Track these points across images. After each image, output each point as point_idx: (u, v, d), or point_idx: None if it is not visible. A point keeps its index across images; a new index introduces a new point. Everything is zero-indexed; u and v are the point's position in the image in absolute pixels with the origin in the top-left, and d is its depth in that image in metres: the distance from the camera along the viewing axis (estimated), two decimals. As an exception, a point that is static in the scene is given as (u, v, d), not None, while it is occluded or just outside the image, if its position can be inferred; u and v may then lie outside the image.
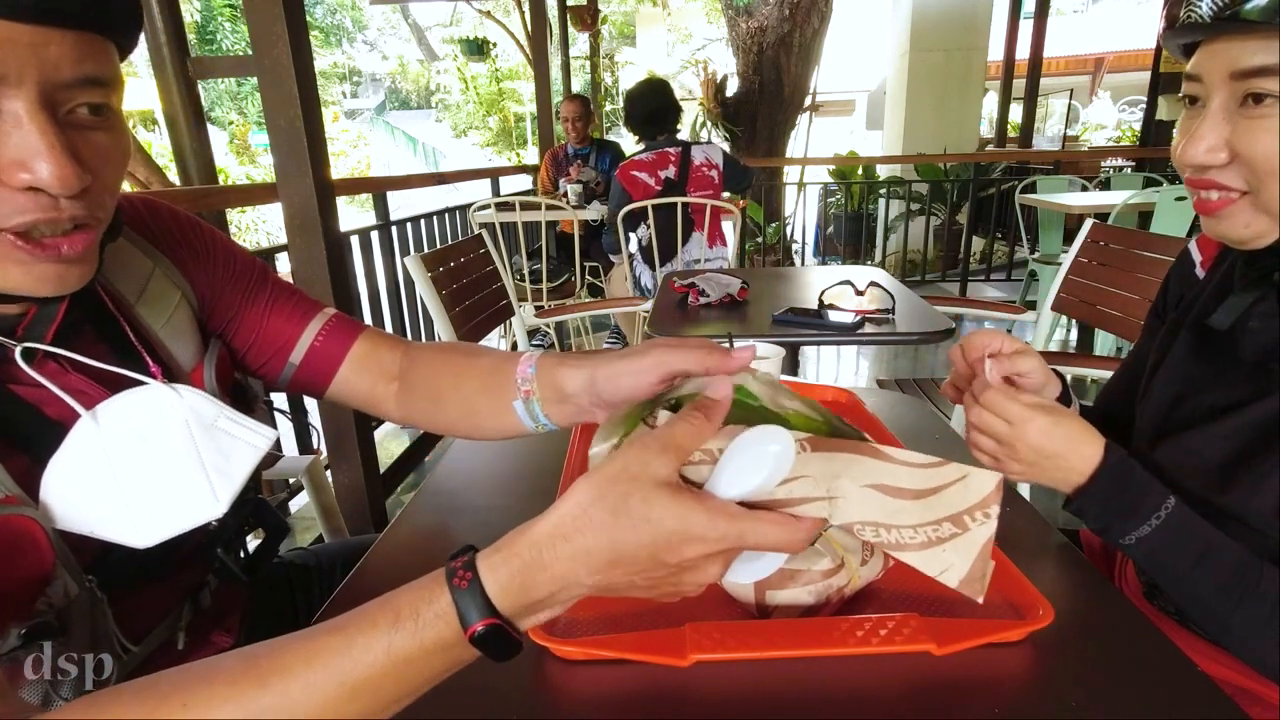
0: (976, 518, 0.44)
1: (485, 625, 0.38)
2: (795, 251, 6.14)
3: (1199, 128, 0.59)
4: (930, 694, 0.49)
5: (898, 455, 0.43)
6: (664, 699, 0.49)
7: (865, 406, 0.96)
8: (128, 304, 0.63)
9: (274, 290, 0.75)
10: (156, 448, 0.57)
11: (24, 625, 0.48)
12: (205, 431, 0.60)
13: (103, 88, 0.47)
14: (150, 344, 0.64)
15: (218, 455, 0.60)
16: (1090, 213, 2.31)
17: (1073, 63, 13.90)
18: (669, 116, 2.86)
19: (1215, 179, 0.59)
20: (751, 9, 6.33)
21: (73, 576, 0.52)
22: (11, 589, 0.49)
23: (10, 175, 0.43)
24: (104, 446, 0.55)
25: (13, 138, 0.43)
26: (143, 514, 0.55)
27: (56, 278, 0.49)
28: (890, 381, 2.01)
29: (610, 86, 13.24)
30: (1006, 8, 5.85)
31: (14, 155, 0.43)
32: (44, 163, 0.43)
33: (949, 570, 0.43)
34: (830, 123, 12.33)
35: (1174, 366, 0.73)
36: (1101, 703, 0.47)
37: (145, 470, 0.56)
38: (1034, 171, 5.35)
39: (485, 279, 2.02)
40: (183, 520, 0.57)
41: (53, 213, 0.45)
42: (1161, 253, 1.61)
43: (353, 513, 1.99)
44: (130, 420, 0.57)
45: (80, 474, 0.53)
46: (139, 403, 0.58)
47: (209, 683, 0.37)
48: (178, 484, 0.58)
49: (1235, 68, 0.56)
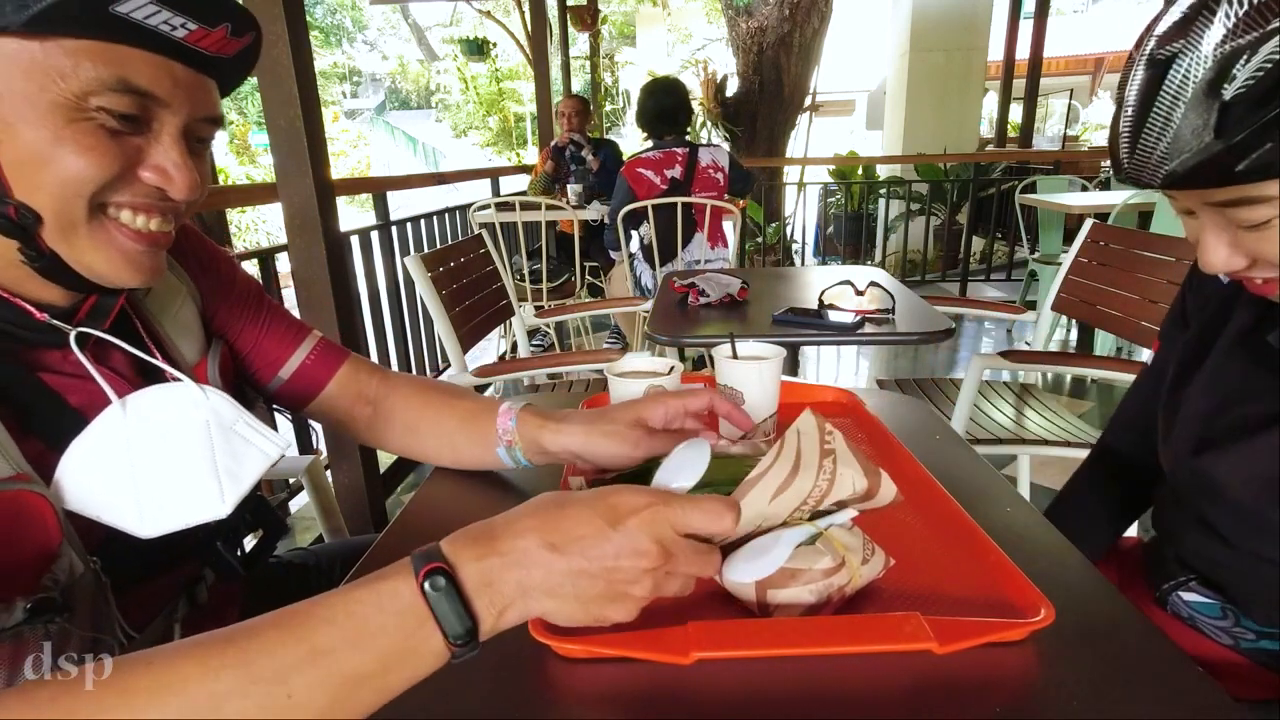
0: (828, 440, 0.56)
1: (433, 567, 0.41)
2: (795, 251, 6.14)
3: (1204, 242, 0.58)
4: (931, 693, 0.49)
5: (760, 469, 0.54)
6: (666, 697, 0.49)
7: (865, 406, 0.96)
8: (138, 299, 0.68)
9: (269, 311, 0.81)
10: (175, 444, 0.61)
11: (30, 600, 0.50)
12: (223, 434, 0.63)
13: (216, 125, 0.59)
14: (158, 339, 0.67)
15: (230, 458, 0.62)
16: (1090, 213, 2.31)
17: (1073, 63, 13.90)
18: (680, 116, 2.86)
19: (1251, 275, 0.58)
20: (751, 9, 6.33)
21: (79, 556, 0.54)
22: (18, 562, 0.51)
23: (146, 174, 0.54)
24: (127, 436, 0.58)
25: (157, 149, 0.54)
26: (151, 505, 0.58)
27: (148, 267, 0.57)
28: (890, 381, 2.01)
29: (610, 86, 13.25)
30: (1006, 8, 5.85)
31: (155, 162, 0.54)
32: (178, 173, 0.55)
33: (855, 480, 0.55)
34: (830, 123, 12.33)
35: (1211, 376, 0.71)
36: (1102, 702, 0.47)
37: (160, 464, 0.59)
38: (1034, 171, 5.35)
39: (485, 279, 2.02)
40: (187, 516, 0.59)
41: (160, 204, 0.56)
42: (1161, 253, 1.61)
43: (353, 513, 1.99)
44: (155, 414, 0.60)
45: (99, 460, 0.57)
46: (167, 398, 0.62)
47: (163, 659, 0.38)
48: (188, 481, 0.60)
49: (1206, 200, 0.55)
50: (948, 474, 0.73)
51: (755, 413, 0.85)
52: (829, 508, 0.58)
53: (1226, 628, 0.73)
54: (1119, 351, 3.35)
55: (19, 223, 0.51)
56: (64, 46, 0.48)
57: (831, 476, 0.56)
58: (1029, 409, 1.78)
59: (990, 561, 0.60)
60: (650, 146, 2.89)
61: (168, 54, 0.51)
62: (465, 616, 0.41)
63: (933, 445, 0.89)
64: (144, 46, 0.50)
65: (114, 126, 0.51)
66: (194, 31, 0.51)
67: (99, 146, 0.50)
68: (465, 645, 0.41)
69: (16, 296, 0.56)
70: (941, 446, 0.90)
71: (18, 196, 0.50)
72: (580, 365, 2.03)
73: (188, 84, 0.54)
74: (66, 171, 0.50)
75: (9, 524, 0.51)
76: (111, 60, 0.49)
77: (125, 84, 0.50)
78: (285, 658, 0.38)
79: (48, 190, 0.50)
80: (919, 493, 0.74)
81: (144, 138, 0.53)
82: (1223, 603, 0.72)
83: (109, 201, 0.53)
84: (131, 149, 0.53)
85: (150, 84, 0.51)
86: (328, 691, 0.38)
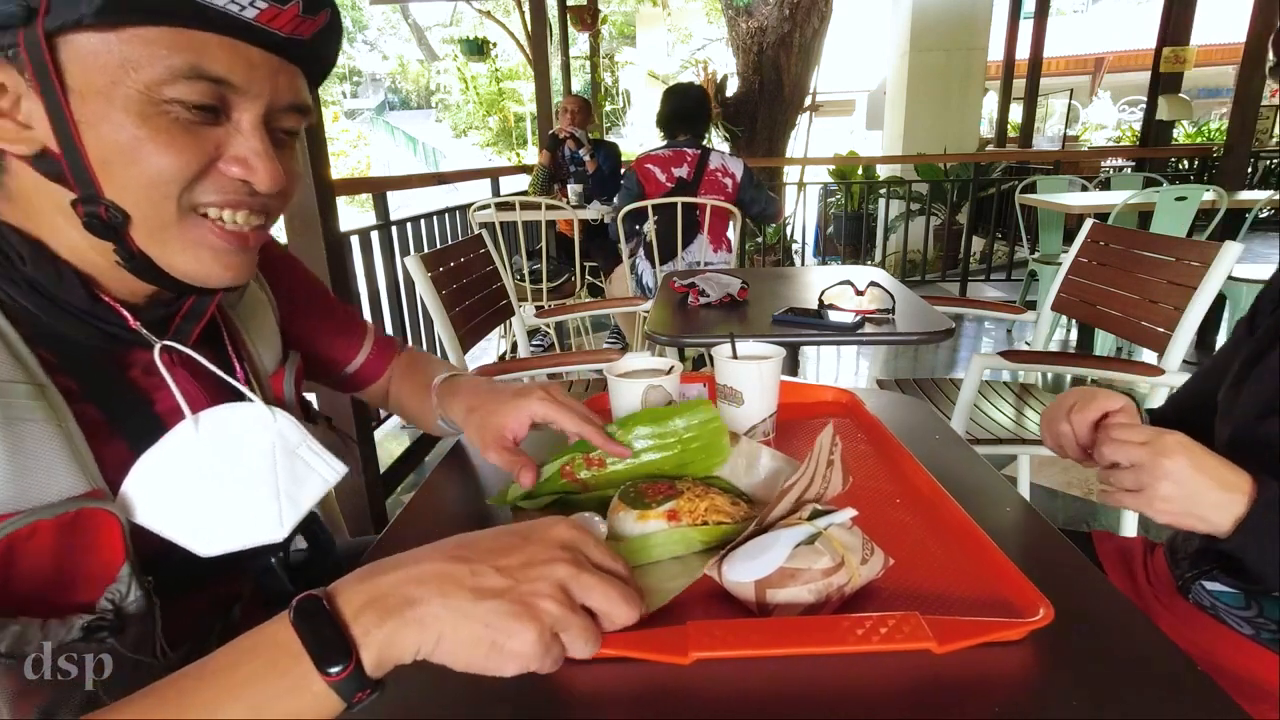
0: (834, 454, 0.66)
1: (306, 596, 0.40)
2: (795, 251, 6.14)
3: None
4: (930, 692, 0.49)
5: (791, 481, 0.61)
6: (665, 696, 0.49)
7: (865, 406, 0.96)
8: (229, 305, 0.69)
9: (334, 310, 0.88)
10: (241, 463, 0.60)
11: (87, 619, 0.50)
12: (287, 457, 0.62)
13: (302, 115, 0.57)
14: (241, 347, 0.68)
15: (292, 482, 0.62)
16: (1090, 213, 2.31)
17: (1073, 63, 13.90)
18: (695, 121, 2.89)
19: None
20: (751, 9, 6.32)
21: (136, 576, 0.54)
22: (84, 579, 0.51)
23: (228, 166, 0.52)
24: (196, 452, 0.58)
25: (237, 139, 0.52)
26: (212, 524, 0.57)
27: (239, 266, 0.57)
28: (890, 381, 2.01)
29: (610, 86, 13.24)
30: (1006, 8, 5.86)
31: (235, 153, 0.52)
32: (261, 162, 0.53)
33: (838, 483, 0.65)
34: (830, 123, 12.32)
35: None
36: (1101, 701, 0.47)
37: (226, 482, 0.59)
38: (1034, 171, 5.35)
39: (485, 279, 2.02)
40: (246, 537, 0.59)
41: (249, 199, 0.54)
42: (1161, 253, 1.61)
43: (353, 513, 1.99)
44: (225, 432, 0.60)
45: (168, 473, 0.56)
46: (237, 417, 0.61)
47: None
48: (250, 502, 0.60)
49: None
50: (948, 474, 0.73)
51: (754, 413, 0.85)
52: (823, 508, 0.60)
53: (1250, 617, 0.73)
54: (1119, 351, 3.35)
55: (109, 223, 0.51)
56: (133, 36, 0.47)
57: (826, 481, 0.63)
58: (1029, 409, 1.78)
59: (989, 561, 0.61)
60: (663, 145, 2.90)
61: (240, 37, 0.49)
62: (338, 640, 0.38)
63: (933, 445, 0.89)
64: (214, 30, 0.48)
65: (190, 118, 0.49)
66: (264, 11, 0.49)
67: (176, 141, 0.49)
68: (348, 680, 0.38)
69: (115, 298, 0.56)
70: (941, 446, 0.90)
71: (108, 196, 0.50)
72: (580, 365, 2.03)
73: (265, 69, 0.51)
74: (148, 169, 0.49)
75: (80, 541, 0.51)
76: (182, 47, 0.47)
77: (198, 71, 0.48)
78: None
79: (133, 189, 0.50)
80: (919, 492, 0.74)
81: (223, 129, 0.52)
82: (1246, 592, 0.73)
83: (199, 202, 0.52)
84: (211, 142, 0.51)
85: (224, 70, 0.49)
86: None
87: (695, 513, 0.63)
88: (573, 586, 0.44)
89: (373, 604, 0.40)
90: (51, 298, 0.53)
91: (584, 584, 0.44)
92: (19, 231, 0.53)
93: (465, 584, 0.41)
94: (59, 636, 0.48)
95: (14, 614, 0.47)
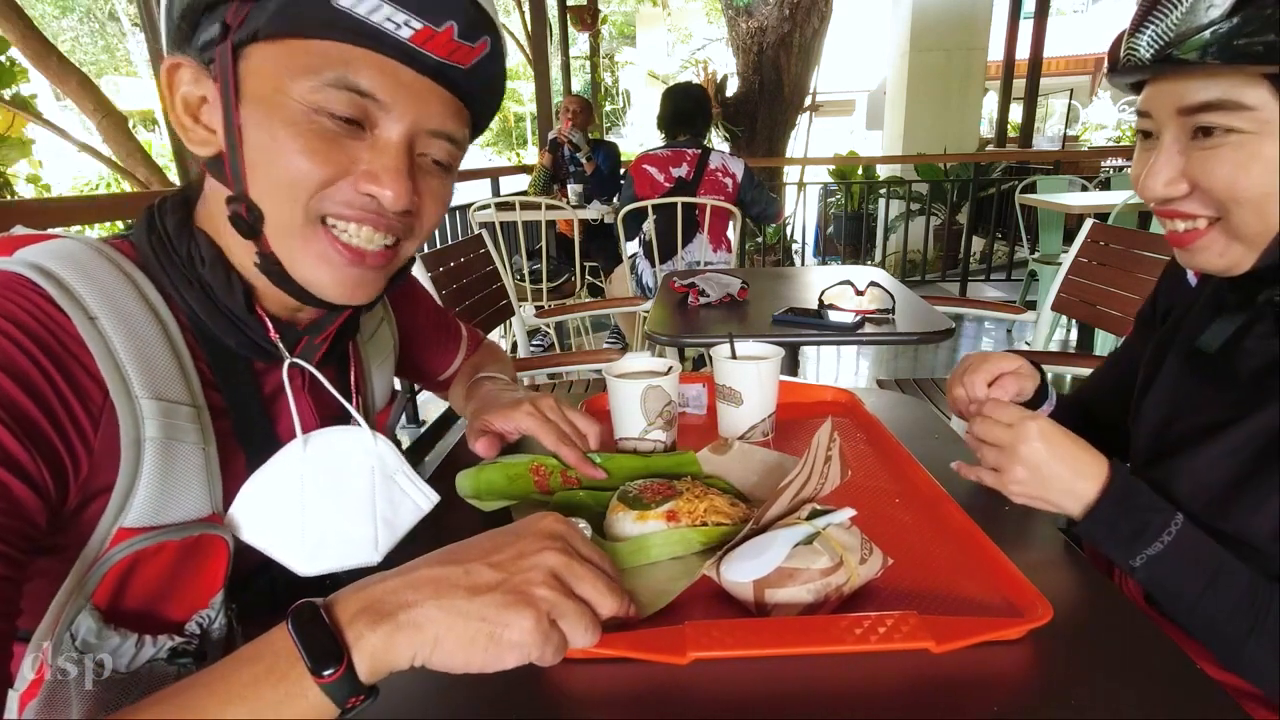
0: (832, 449, 0.67)
1: (301, 603, 0.40)
2: (795, 251, 6.14)
3: (1155, 163, 0.60)
4: (929, 691, 0.49)
5: (789, 479, 0.63)
6: (663, 697, 0.49)
7: (865, 406, 0.96)
8: (360, 340, 0.72)
9: (441, 326, 0.92)
10: (342, 485, 0.61)
11: (177, 640, 0.51)
12: (385, 482, 0.63)
13: (454, 146, 0.57)
14: (360, 380, 0.70)
15: (389, 507, 0.63)
16: (1090, 213, 2.31)
17: (1073, 63, 13.89)
18: (695, 121, 2.89)
19: (1180, 209, 0.60)
20: (751, 9, 6.32)
21: (224, 602, 0.55)
22: (182, 601, 0.52)
23: (359, 179, 0.52)
24: (302, 472, 0.59)
25: (374, 153, 0.52)
26: (313, 544, 0.58)
27: (354, 283, 0.56)
28: (890, 381, 2.01)
29: (610, 86, 13.24)
30: (1006, 8, 5.84)
31: (369, 166, 0.52)
32: (389, 177, 0.52)
33: (836, 477, 0.67)
34: (830, 123, 12.32)
35: (1163, 388, 0.73)
36: (1100, 701, 0.47)
37: (328, 504, 0.59)
38: (1034, 171, 5.34)
39: (485, 279, 2.02)
40: (344, 559, 0.60)
41: (373, 216, 0.54)
42: (1161, 253, 1.61)
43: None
44: (330, 454, 0.61)
45: (275, 492, 0.57)
46: (342, 440, 0.62)
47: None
48: (350, 525, 0.60)
49: (1181, 104, 0.57)
50: (947, 474, 0.73)
51: (753, 413, 0.85)
52: (822, 507, 0.60)
53: None
54: (1119, 351, 3.34)
55: (248, 220, 0.52)
56: (295, 48, 0.49)
57: (824, 478, 0.64)
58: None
59: (988, 560, 0.61)
60: (662, 145, 2.90)
61: (393, 55, 0.50)
62: (330, 644, 0.38)
63: (933, 445, 0.89)
64: (368, 46, 0.49)
65: (334, 129, 0.51)
66: (419, 31, 0.49)
67: (314, 146, 0.50)
68: (340, 683, 0.37)
69: (266, 311, 0.58)
70: (941, 446, 0.90)
71: (251, 195, 0.52)
72: (580, 365, 2.03)
73: (414, 89, 0.52)
74: (285, 171, 0.51)
75: (192, 563, 0.52)
76: (334, 60, 0.49)
77: (344, 82, 0.49)
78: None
79: (270, 190, 0.52)
80: (918, 492, 0.74)
81: (364, 143, 0.52)
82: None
83: (324, 211, 0.53)
84: (349, 154, 0.52)
85: (371, 85, 0.50)
86: None
87: (694, 513, 0.63)
88: (565, 574, 0.44)
89: (367, 610, 0.40)
90: (215, 301, 0.55)
91: (575, 573, 0.45)
92: (208, 236, 0.56)
93: (460, 584, 0.41)
94: (148, 654, 0.50)
95: (115, 626, 0.49)
